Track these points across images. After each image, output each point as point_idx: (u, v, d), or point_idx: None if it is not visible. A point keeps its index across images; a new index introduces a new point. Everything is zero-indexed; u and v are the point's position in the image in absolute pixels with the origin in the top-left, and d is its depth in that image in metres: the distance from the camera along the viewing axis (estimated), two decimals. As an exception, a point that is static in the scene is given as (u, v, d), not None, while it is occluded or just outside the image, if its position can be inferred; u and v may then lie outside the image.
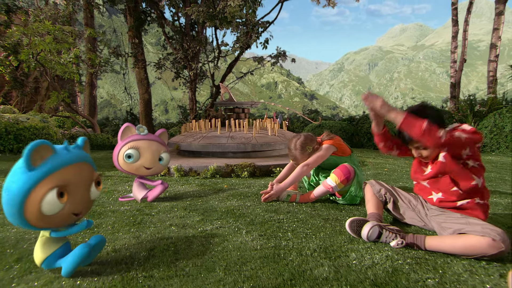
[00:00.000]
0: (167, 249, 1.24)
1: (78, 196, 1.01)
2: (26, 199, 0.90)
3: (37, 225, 0.97)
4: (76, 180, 1.00)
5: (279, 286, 0.96)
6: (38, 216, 0.93)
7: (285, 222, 1.61)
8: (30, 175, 0.91)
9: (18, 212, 0.91)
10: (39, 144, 0.92)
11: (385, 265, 1.11)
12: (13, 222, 0.95)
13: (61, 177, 0.96)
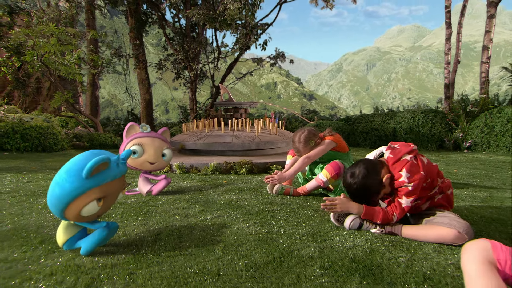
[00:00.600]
0: (171, 234, 1.38)
1: (110, 203, 1.16)
2: (73, 201, 1.04)
3: (69, 219, 1.11)
4: (113, 191, 1.14)
5: (270, 262, 1.10)
6: (75, 215, 1.08)
7: (278, 212, 1.75)
8: (84, 182, 1.04)
9: (62, 208, 1.05)
10: (104, 159, 1.05)
11: (364, 246, 1.25)
12: (52, 210, 1.08)
13: (105, 190, 1.10)
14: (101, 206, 1.12)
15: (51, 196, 1.06)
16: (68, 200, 1.04)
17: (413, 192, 1.37)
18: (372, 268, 1.06)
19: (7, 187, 2.41)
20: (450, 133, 7.41)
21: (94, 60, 9.75)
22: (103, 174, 1.07)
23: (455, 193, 2.38)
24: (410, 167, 1.38)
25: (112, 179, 1.11)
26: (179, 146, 4.14)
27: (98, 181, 1.06)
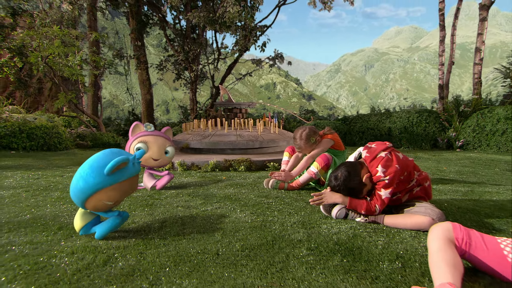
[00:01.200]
0: (176, 222, 1.52)
1: (124, 197, 1.29)
2: (94, 194, 1.17)
3: (88, 209, 1.24)
4: (127, 188, 1.28)
5: (263, 245, 1.23)
6: (94, 206, 1.21)
7: (273, 204, 1.89)
8: (105, 179, 1.18)
9: (83, 199, 1.19)
10: (124, 160, 1.18)
11: (348, 232, 1.39)
12: (74, 200, 1.22)
13: (121, 187, 1.23)
14: (116, 201, 1.25)
15: (74, 188, 1.19)
16: (90, 193, 1.17)
17: (390, 184, 1.50)
18: (353, 249, 1.19)
19: (20, 183, 2.54)
20: (444, 133, 7.55)
21: (96, 61, 9.86)
22: (121, 172, 1.20)
23: (440, 188, 2.52)
24: (385, 162, 1.51)
25: (128, 177, 1.24)
26: (184, 145, 4.26)
27: (117, 179, 1.19)
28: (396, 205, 1.69)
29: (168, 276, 0.96)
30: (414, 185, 1.64)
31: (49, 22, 10.29)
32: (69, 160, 4.70)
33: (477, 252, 0.98)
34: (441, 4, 9.03)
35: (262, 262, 1.07)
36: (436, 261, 0.93)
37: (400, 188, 1.60)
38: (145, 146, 2.21)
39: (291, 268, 1.03)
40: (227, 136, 4.18)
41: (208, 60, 12.22)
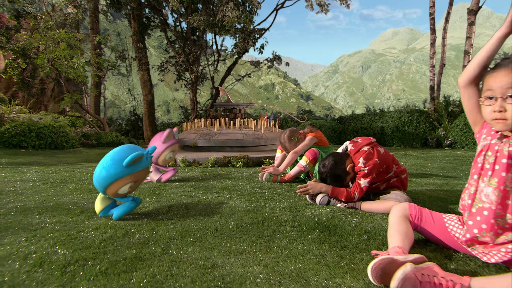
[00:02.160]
0: (180, 207, 1.72)
1: (137, 186, 1.50)
2: (113, 182, 1.38)
3: (108, 195, 1.45)
4: (141, 178, 1.49)
5: (254, 223, 1.44)
6: (112, 192, 1.42)
7: (266, 194, 2.10)
8: (124, 170, 1.39)
9: (104, 185, 1.40)
10: (140, 155, 1.39)
11: (328, 214, 1.60)
12: (96, 187, 1.43)
13: (136, 176, 1.44)
14: (131, 188, 1.46)
15: (97, 176, 1.39)
16: (111, 181, 1.38)
17: (368, 174, 1.72)
18: (330, 227, 1.40)
19: (37, 177, 2.74)
20: (434, 132, 7.77)
21: (100, 63, 10.04)
22: (137, 165, 1.41)
23: (419, 181, 2.74)
24: (367, 155, 1.73)
25: (142, 169, 1.45)
26: (192, 143, 4.44)
27: (133, 170, 1.40)
28: (374, 192, 1.90)
29: (176, 245, 1.17)
30: (391, 176, 1.85)
31: (53, 24, 10.44)
32: (77, 158, 4.89)
33: (426, 225, 1.19)
34: (431, 9, 9.26)
35: (253, 236, 1.28)
36: (392, 231, 1.14)
37: (379, 178, 1.81)
38: (173, 154, 2.47)
39: (277, 239, 1.24)
40: (234, 134, 4.38)
41: (208, 61, 12.40)
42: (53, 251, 1.09)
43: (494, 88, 0.93)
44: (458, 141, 7.26)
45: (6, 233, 1.26)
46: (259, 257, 1.06)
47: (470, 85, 1.05)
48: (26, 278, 0.89)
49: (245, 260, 1.04)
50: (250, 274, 0.93)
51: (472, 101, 1.06)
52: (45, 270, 0.95)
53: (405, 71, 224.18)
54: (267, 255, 1.08)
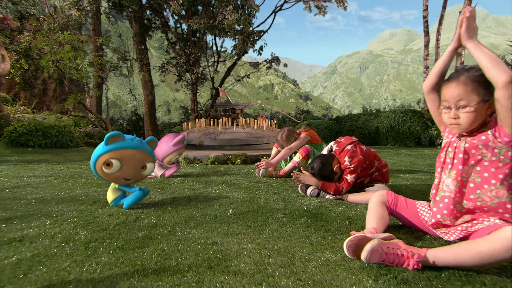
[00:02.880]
0: (183, 198, 1.88)
1: (128, 168, 1.62)
2: (97, 160, 1.53)
3: (101, 176, 1.59)
4: (126, 156, 1.59)
5: (249, 211, 1.59)
6: (100, 171, 1.56)
7: (262, 187, 2.25)
8: (104, 148, 1.53)
9: (93, 165, 1.55)
10: (113, 134, 1.54)
11: (316, 204, 1.76)
12: (93, 170, 1.57)
13: (119, 154, 1.56)
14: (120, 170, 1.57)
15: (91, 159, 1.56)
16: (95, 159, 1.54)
17: (354, 170, 1.87)
18: (317, 214, 1.56)
19: (48, 173, 2.88)
20: (427, 131, 7.92)
21: (103, 64, 10.16)
22: (117, 144, 1.55)
23: (406, 176, 2.89)
24: (351, 153, 1.88)
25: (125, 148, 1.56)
26: (198, 142, 4.57)
27: (113, 148, 1.54)
28: (359, 186, 2.06)
29: (180, 227, 1.33)
30: (374, 171, 2.01)
31: (57, 26, 10.54)
32: (82, 156, 5.04)
33: (401, 210, 1.35)
34: (425, 12, 9.42)
35: (248, 221, 1.43)
36: (369, 215, 1.30)
37: (363, 173, 1.97)
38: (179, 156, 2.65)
39: (269, 224, 1.40)
40: (239, 133, 4.54)
41: (208, 62, 12.52)
42: (75, 232, 1.24)
43: (448, 98, 1.09)
44: (450, 140, 7.42)
45: (32, 219, 1.42)
46: (252, 237, 1.22)
47: (432, 92, 1.21)
48: (57, 252, 1.05)
49: (241, 240, 1.19)
50: (244, 249, 1.09)
51: (434, 106, 1.21)
52: (71, 246, 1.10)
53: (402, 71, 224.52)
54: (260, 236, 1.24)
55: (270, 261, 1.00)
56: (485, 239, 0.91)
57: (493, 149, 1.05)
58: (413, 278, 0.89)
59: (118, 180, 1.62)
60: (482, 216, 1.07)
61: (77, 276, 0.88)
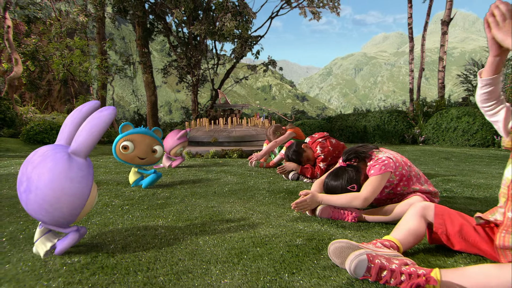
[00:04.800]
0: (189, 181, 2.25)
1: (140, 149, 1.96)
2: (116, 146, 1.90)
3: (121, 159, 1.95)
4: (138, 139, 1.94)
5: (240, 190, 1.98)
6: (120, 154, 1.92)
7: (253, 174, 2.63)
8: (119, 136, 1.90)
9: (114, 151, 1.91)
10: (125, 124, 1.91)
11: (295, 185, 2.14)
12: (115, 156, 1.94)
13: (132, 137, 1.93)
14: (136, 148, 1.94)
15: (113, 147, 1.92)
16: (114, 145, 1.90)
17: (325, 159, 2.25)
18: (293, 191, 1.94)
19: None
20: (410, 130, 8.33)
21: (108, 67, 10.47)
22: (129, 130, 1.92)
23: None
24: (322, 145, 2.27)
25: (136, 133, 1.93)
26: (212, 139, 4.88)
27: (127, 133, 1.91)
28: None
29: (188, 199, 1.70)
30: None
31: (64, 31, 10.83)
32: (94, 152, 5.40)
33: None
34: (409, 19, 9.82)
35: (239, 195, 1.81)
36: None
37: (333, 161, 2.34)
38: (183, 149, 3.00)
39: (255, 197, 1.78)
40: (248, 130, 4.92)
41: (208, 65, 12.84)
42: (110, 200, 1.62)
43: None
44: (431, 138, 7.82)
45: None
46: (241, 204, 1.60)
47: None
48: (102, 211, 1.42)
49: (233, 205, 1.57)
50: (235, 210, 1.47)
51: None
52: (110, 208, 1.48)
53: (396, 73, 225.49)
54: (247, 204, 1.62)
55: (253, 217, 1.38)
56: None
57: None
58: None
59: (134, 160, 1.94)
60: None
61: (119, 223, 1.26)
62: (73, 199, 0.91)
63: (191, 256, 0.96)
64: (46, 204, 0.89)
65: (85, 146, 0.93)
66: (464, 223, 0.97)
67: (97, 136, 0.94)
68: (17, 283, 0.79)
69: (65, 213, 0.92)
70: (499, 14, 0.79)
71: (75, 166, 0.92)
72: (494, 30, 0.80)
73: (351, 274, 0.82)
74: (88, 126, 0.92)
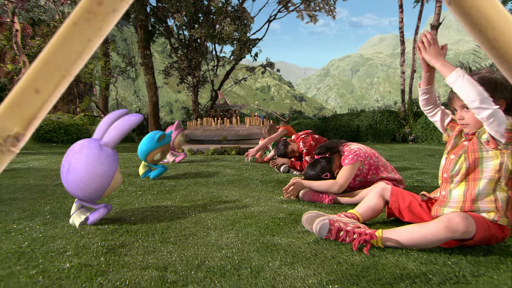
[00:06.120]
0: (191, 173, 2.50)
1: (164, 155, 2.25)
2: (150, 152, 2.13)
3: (147, 160, 2.20)
4: (166, 149, 2.23)
5: (237, 180, 2.22)
6: (150, 159, 2.17)
7: (249, 168, 2.87)
8: (155, 144, 2.14)
9: (145, 155, 2.15)
10: (163, 133, 2.15)
11: (285, 176, 2.38)
12: (140, 156, 2.17)
13: (163, 148, 2.19)
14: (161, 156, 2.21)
15: (141, 150, 2.15)
16: (149, 152, 2.14)
17: (308, 153, 2.49)
18: (282, 181, 2.18)
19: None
20: (401, 129, 8.58)
21: (112, 69, 10.67)
22: (163, 141, 2.17)
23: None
24: (304, 140, 2.51)
25: (166, 143, 2.20)
26: (222, 138, 5.08)
27: (161, 144, 2.16)
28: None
29: (191, 186, 1.95)
30: None
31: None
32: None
33: None
34: (400, 24, 10.08)
35: (235, 183, 2.06)
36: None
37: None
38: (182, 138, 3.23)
39: (249, 185, 2.02)
40: (253, 129, 5.16)
41: (208, 66, 13.04)
42: (125, 188, 1.86)
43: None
44: (420, 136, 8.08)
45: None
46: (237, 190, 1.84)
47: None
48: (120, 195, 1.66)
49: (229, 191, 1.82)
50: (231, 195, 1.71)
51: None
52: (126, 193, 1.72)
53: (391, 74, 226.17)
54: (242, 190, 1.86)
55: (246, 199, 1.62)
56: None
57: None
58: (323, 204, 1.51)
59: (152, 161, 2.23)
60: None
61: (136, 203, 1.50)
62: (101, 179, 1.15)
63: (195, 225, 1.20)
64: (80, 181, 1.13)
65: (113, 140, 1.17)
66: (412, 200, 1.20)
67: (123, 134, 1.18)
68: (67, 239, 1.03)
69: (94, 189, 1.16)
70: (426, 41, 1.01)
71: (104, 154, 1.16)
72: (423, 53, 1.01)
73: (317, 234, 1.07)
74: (118, 125, 1.17)
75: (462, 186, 1.05)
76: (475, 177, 1.02)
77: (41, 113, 0.21)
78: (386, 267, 0.86)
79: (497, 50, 0.20)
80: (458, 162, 1.05)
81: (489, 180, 0.99)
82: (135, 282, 0.77)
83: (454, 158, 1.08)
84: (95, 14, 0.20)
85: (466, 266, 0.87)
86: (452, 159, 1.08)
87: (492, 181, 0.99)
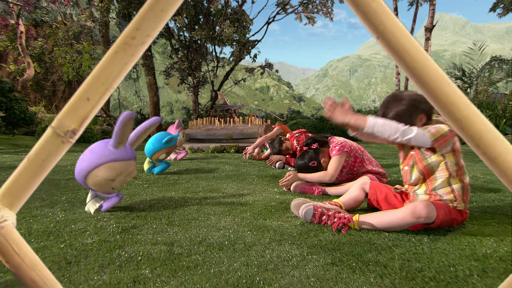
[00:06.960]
0: (193, 169, 2.64)
1: (169, 155, 2.39)
2: (156, 152, 2.27)
3: (152, 159, 2.34)
4: (171, 150, 2.38)
5: (235, 175, 2.36)
6: (156, 157, 2.31)
7: (247, 165, 3.02)
8: (162, 145, 2.28)
9: (152, 154, 2.28)
10: (171, 136, 2.29)
11: (280, 172, 2.53)
12: (146, 154, 2.31)
13: (168, 149, 2.32)
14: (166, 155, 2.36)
15: (148, 149, 2.29)
16: (155, 151, 2.28)
17: (301, 150, 2.64)
18: (277, 176, 2.33)
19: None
20: (394, 129, 8.72)
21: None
22: (170, 143, 2.31)
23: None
24: (297, 138, 2.66)
25: (172, 145, 2.34)
26: (227, 136, 5.21)
27: (167, 145, 2.30)
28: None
29: (193, 181, 2.09)
30: None
31: (71, 35, 11.09)
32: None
33: None
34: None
35: (233, 178, 2.20)
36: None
37: None
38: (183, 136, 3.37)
39: (246, 180, 2.16)
40: (256, 128, 5.29)
41: (208, 67, 13.17)
42: (132, 181, 2.00)
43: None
44: (412, 136, 8.22)
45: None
46: (235, 184, 1.99)
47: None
48: (128, 188, 1.80)
49: (228, 184, 1.96)
50: (229, 187, 1.86)
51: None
52: (133, 186, 1.86)
53: (389, 75, 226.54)
54: (239, 184, 2.00)
55: (243, 191, 1.77)
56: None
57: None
58: (312, 195, 1.65)
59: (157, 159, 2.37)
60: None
61: (143, 194, 1.65)
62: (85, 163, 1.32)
63: (197, 211, 1.34)
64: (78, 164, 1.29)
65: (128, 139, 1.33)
66: (388, 192, 1.35)
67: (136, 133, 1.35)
68: (86, 222, 1.18)
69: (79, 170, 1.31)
70: (327, 108, 1.12)
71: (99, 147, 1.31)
72: (333, 118, 1.12)
73: (302, 218, 1.21)
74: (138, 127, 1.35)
75: (423, 186, 1.23)
76: (431, 178, 1.20)
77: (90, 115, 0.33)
78: (359, 243, 1.01)
79: (415, 72, 0.29)
80: (413, 172, 1.23)
81: (442, 178, 1.17)
82: (147, 254, 0.92)
83: (408, 169, 1.25)
84: (129, 45, 0.32)
85: (426, 241, 1.02)
86: (407, 170, 1.26)
87: (445, 178, 1.16)
